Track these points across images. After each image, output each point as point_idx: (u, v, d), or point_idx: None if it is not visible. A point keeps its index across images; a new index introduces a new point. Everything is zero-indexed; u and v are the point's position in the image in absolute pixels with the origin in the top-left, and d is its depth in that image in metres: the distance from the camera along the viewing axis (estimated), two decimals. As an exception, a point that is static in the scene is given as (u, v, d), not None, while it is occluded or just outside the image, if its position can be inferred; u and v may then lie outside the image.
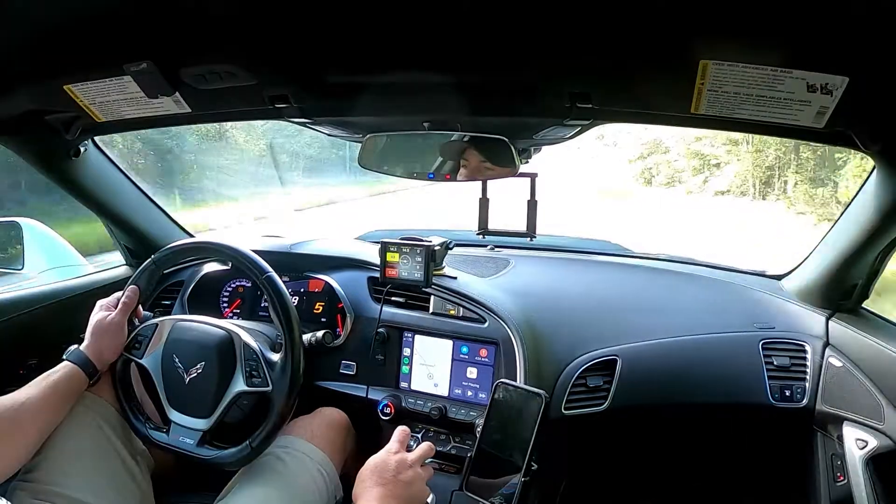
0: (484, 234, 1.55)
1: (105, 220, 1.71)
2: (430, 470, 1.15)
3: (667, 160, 15.30)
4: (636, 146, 16.19)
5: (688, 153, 14.45)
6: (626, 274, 1.78)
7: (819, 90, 0.80)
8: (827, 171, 10.10)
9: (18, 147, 1.34)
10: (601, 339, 1.53)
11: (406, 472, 1.08)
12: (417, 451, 1.14)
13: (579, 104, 0.96)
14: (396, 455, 1.11)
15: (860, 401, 1.33)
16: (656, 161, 15.66)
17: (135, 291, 1.33)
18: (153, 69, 0.94)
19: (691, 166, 14.49)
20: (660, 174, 15.52)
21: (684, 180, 14.72)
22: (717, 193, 13.12)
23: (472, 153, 1.25)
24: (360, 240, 1.92)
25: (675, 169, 15.11)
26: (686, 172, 14.71)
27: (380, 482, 1.05)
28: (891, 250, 1.32)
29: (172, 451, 1.26)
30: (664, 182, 15.23)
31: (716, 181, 13.44)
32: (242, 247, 1.31)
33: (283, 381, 1.21)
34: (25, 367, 1.57)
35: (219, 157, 8.16)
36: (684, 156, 14.69)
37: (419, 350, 1.56)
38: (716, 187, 13.31)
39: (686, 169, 14.74)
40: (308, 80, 1.01)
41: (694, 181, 14.27)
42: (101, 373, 1.26)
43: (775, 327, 1.55)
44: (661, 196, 14.41)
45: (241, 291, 1.80)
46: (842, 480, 1.40)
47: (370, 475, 1.07)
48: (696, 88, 0.85)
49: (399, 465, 1.08)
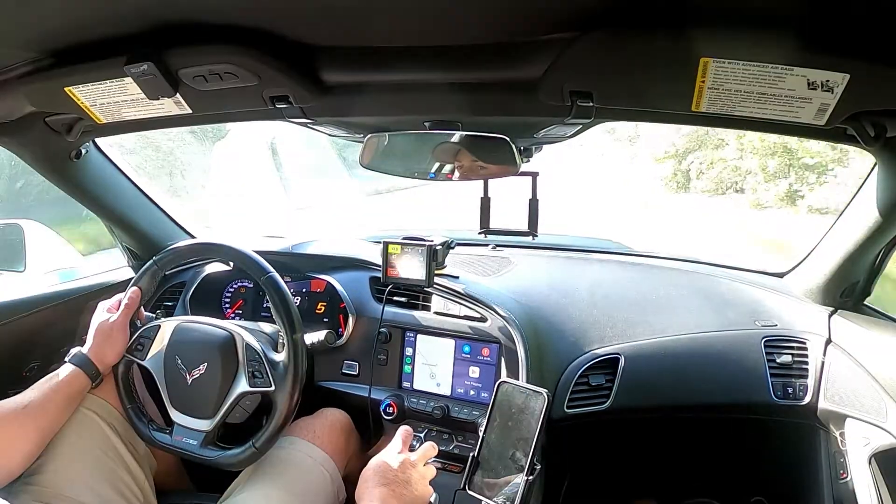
0: (486, 233, 1.55)
1: (107, 221, 1.71)
2: (433, 469, 1.15)
3: (721, 158, 11.56)
4: (663, 141, 12.97)
5: (763, 147, 10.33)
6: (628, 272, 1.78)
7: (820, 87, 0.80)
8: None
9: (20, 149, 1.34)
10: (603, 337, 1.54)
11: (409, 472, 1.08)
12: (420, 450, 1.14)
13: (580, 103, 0.96)
14: (399, 455, 1.11)
15: (863, 398, 1.33)
16: (702, 159, 12.29)
17: (136, 293, 1.33)
18: (154, 70, 0.94)
19: (766, 168, 10.42)
20: (704, 176, 12.03)
21: (748, 187, 10.89)
22: (813, 211, 9.12)
23: (474, 152, 1.25)
24: (361, 240, 1.92)
25: (734, 169, 11.22)
26: (754, 176, 10.74)
27: (382, 482, 1.05)
28: (893, 247, 1.32)
29: (176, 452, 1.27)
30: (711, 188, 11.76)
31: (817, 193, 9.11)
32: (244, 247, 1.32)
33: (285, 380, 1.21)
34: (28, 370, 1.57)
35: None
36: (752, 152, 10.73)
37: (421, 350, 1.57)
38: (814, 201, 9.15)
39: (754, 171, 10.76)
40: (309, 80, 1.01)
41: (768, 190, 10.29)
42: (103, 375, 1.26)
43: (777, 325, 1.55)
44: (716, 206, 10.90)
45: (244, 292, 1.80)
46: (844, 478, 1.40)
47: (373, 475, 1.07)
48: (696, 86, 0.85)
49: (402, 465, 1.09)
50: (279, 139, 9.14)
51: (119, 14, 0.86)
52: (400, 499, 1.04)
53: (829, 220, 1.39)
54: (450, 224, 3.52)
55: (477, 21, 0.87)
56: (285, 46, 0.94)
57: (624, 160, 15.28)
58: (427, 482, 1.12)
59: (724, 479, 1.85)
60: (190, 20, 0.88)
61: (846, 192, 7.95)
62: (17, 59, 1.01)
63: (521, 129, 1.24)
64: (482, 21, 0.87)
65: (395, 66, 0.99)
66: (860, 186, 1.26)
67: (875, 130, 0.95)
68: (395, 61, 0.98)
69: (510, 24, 0.87)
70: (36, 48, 0.99)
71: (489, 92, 1.01)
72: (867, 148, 1.02)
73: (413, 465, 1.11)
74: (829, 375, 1.44)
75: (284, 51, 0.95)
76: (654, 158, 13.64)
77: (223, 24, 0.88)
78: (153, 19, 0.88)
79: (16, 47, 0.97)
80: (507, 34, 0.90)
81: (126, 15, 0.87)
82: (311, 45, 0.97)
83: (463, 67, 0.97)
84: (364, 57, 0.98)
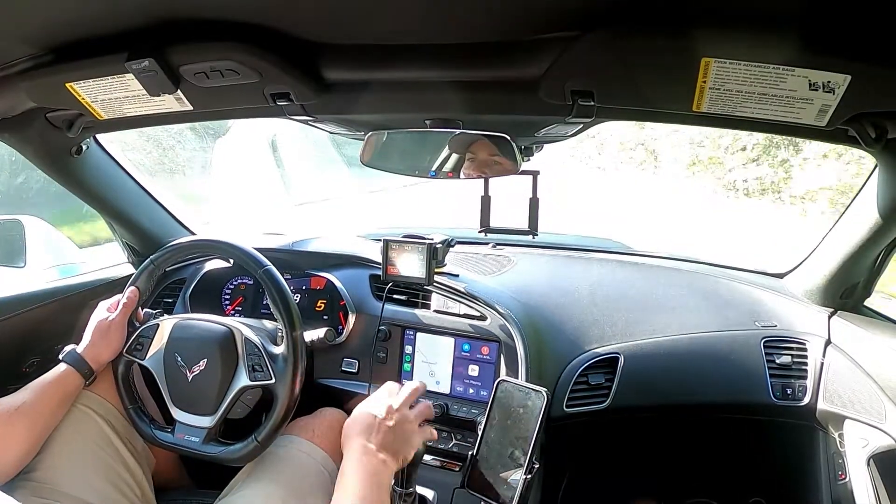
0: (486, 231, 1.55)
1: (107, 217, 1.71)
2: (431, 431, 1.10)
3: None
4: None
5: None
6: (628, 272, 1.78)
7: (821, 88, 0.80)
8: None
9: (20, 144, 1.34)
10: (603, 336, 1.54)
11: (393, 418, 1.03)
12: (406, 397, 1.08)
13: (581, 102, 0.96)
14: (383, 401, 1.06)
15: (862, 399, 1.33)
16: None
17: (134, 293, 1.33)
18: (155, 67, 0.94)
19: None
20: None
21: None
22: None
23: (474, 151, 1.25)
24: (361, 237, 1.92)
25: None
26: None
27: (362, 431, 1.01)
28: (893, 248, 1.32)
29: (179, 450, 1.27)
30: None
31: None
32: (241, 242, 1.32)
33: (285, 373, 1.21)
34: (28, 365, 1.57)
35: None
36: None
37: (421, 347, 1.57)
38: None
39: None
40: (310, 78, 1.01)
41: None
42: (97, 373, 1.26)
43: (777, 325, 1.55)
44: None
45: (243, 289, 1.80)
46: (843, 479, 1.40)
47: (352, 424, 1.03)
48: (697, 86, 0.85)
49: (386, 410, 1.03)
50: (280, 136, 9.14)
51: (121, 10, 0.86)
52: (383, 448, 0.99)
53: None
54: (450, 222, 3.52)
55: (478, 20, 0.87)
56: (287, 44, 0.94)
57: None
58: (417, 432, 1.06)
59: (723, 480, 1.85)
60: (192, 17, 0.88)
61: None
62: (18, 54, 1.01)
63: (521, 127, 1.24)
64: (484, 20, 0.87)
65: (397, 64, 0.99)
66: (861, 188, 1.26)
67: (876, 132, 0.95)
68: (396, 59, 0.98)
69: (512, 22, 0.87)
70: (37, 44, 0.98)
71: (490, 90, 1.01)
72: (868, 149, 1.02)
73: (398, 410, 1.04)
74: (828, 376, 1.44)
75: (286, 48, 0.95)
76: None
77: (225, 21, 0.88)
78: (155, 15, 0.88)
79: (17, 43, 0.97)
80: (509, 33, 0.90)
81: (128, 11, 0.87)
82: (313, 43, 0.97)
83: (464, 66, 0.97)
84: (365, 54, 0.98)
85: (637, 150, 12.72)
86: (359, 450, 0.98)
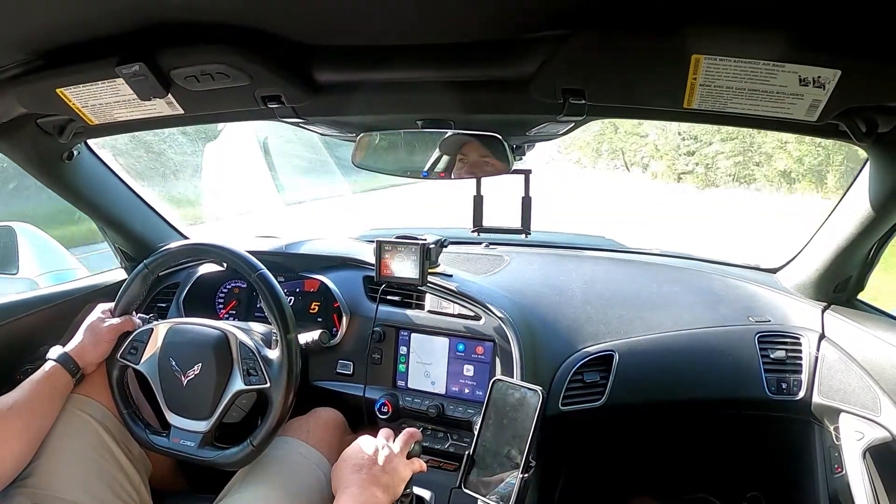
0: (479, 231, 1.54)
1: (99, 223, 1.70)
2: (419, 462, 1.17)
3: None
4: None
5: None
6: (622, 269, 1.79)
7: (811, 84, 0.81)
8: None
9: (11, 150, 1.34)
10: (597, 334, 1.54)
11: (383, 454, 1.09)
12: (398, 439, 1.16)
13: (572, 100, 0.96)
14: (373, 441, 1.13)
15: (857, 393, 1.34)
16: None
17: (130, 324, 1.32)
18: (145, 71, 0.94)
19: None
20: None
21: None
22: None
23: (466, 151, 1.25)
24: (354, 239, 1.92)
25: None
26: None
27: (356, 467, 1.06)
28: (885, 241, 1.33)
29: (174, 455, 1.26)
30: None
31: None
32: (233, 246, 1.31)
33: (280, 376, 1.21)
34: (21, 373, 1.56)
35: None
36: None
37: (416, 348, 1.57)
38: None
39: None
40: (301, 80, 1.01)
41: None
42: (83, 371, 1.26)
43: (771, 320, 1.55)
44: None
45: (237, 292, 1.80)
46: (839, 472, 1.40)
47: (345, 463, 1.09)
48: (688, 83, 0.85)
49: (375, 449, 1.10)
50: (272, 138, 9.12)
51: (110, 14, 0.86)
52: (376, 481, 1.04)
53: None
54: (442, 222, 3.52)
55: (469, 19, 0.87)
56: (277, 46, 0.94)
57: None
58: (405, 464, 1.12)
59: (720, 475, 1.86)
60: (181, 20, 0.88)
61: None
62: (7, 60, 1.01)
63: (513, 127, 1.24)
64: (474, 19, 0.87)
65: (387, 65, 0.98)
66: (852, 182, 1.27)
67: (867, 126, 0.95)
68: (387, 60, 0.98)
69: (502, 22, 0.87)
70: (27, 49, 0.98)
71: (481, 90, 1.01)
72: (859, 144, 1.03)
73: (386, 447, 1.11)
74: (822, 370, 1.45)
75: (276, 51, 0.94)
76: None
77: (215, 24, 0.88)
78: (144, 19, 0.87)
79: (6, 49, 0.96)
80: (500, 32, 0.90)
81: (117, 15, 0.86)
82: (303, 45, 0.97)
83: (455, 65, 0.97)
84: (356, 56, 0.98)
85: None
86: (351, 486, 1.03)
